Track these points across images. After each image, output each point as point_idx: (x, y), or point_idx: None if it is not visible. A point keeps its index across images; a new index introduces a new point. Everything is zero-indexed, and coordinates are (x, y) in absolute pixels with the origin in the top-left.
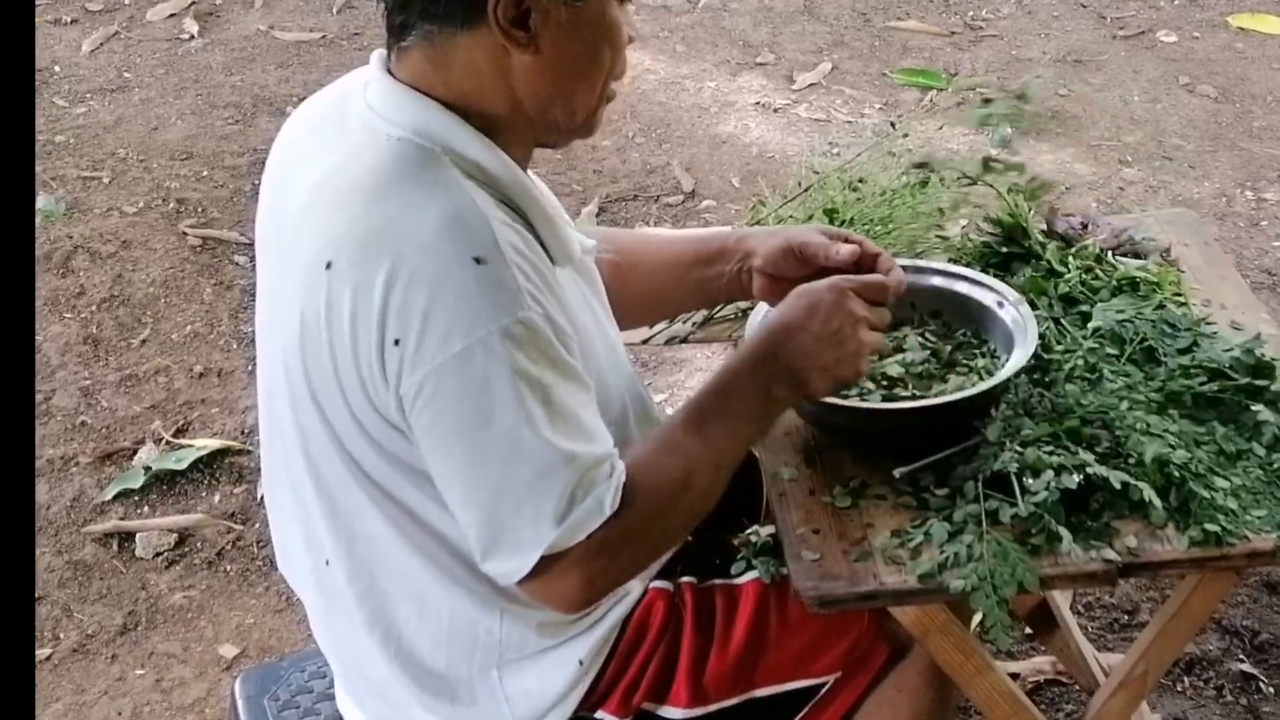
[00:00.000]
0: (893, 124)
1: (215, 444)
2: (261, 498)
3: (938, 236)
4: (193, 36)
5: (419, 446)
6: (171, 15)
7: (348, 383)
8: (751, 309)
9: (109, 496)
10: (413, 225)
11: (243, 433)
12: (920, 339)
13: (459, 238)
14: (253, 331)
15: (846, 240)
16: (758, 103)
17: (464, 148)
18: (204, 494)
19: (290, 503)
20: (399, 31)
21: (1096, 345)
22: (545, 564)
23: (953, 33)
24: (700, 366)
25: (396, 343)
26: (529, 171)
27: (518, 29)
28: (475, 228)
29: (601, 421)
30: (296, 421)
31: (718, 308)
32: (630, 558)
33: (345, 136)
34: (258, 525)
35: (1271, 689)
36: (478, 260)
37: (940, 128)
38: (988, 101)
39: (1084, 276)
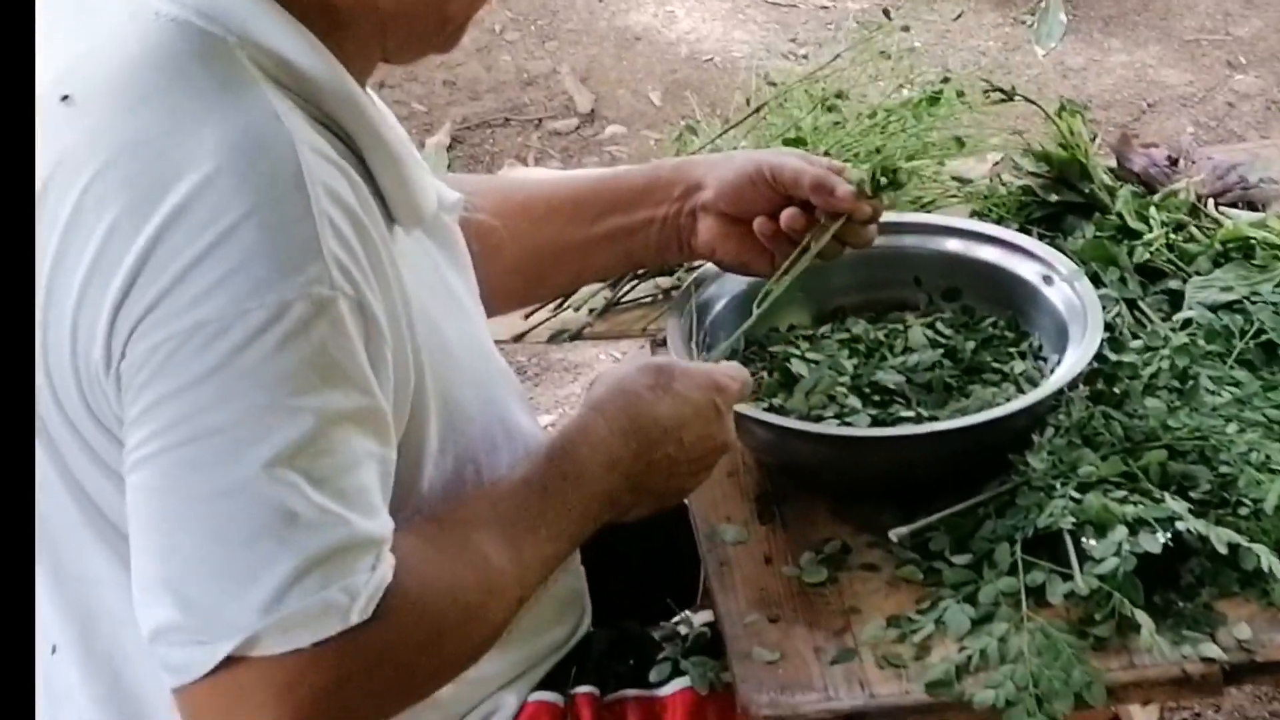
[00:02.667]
0: (886, 12)
1: None
2: None
3: (955, 179)
4: None
5: (124, 450)
6: None
7: (61, 367)
8: (683, 277)
9: None
10: (184, 144)
11: None
12: (929, 331)
13: (248, 166)
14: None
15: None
16: None
17: (271, 38)
18: None
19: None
20: None
21: (1190, 340)
22: (232, 670)
23: None
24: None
25: (138, 303)
26: (369, 90)
27: None
28: (273, 154)
29: (382, 493)
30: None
31: (626, 284)
32: (366, 702)
33: (94, 15)
34: None
35: None
36: (268, 203)
37: (958, 16)
38: None
39: (1172, 237)
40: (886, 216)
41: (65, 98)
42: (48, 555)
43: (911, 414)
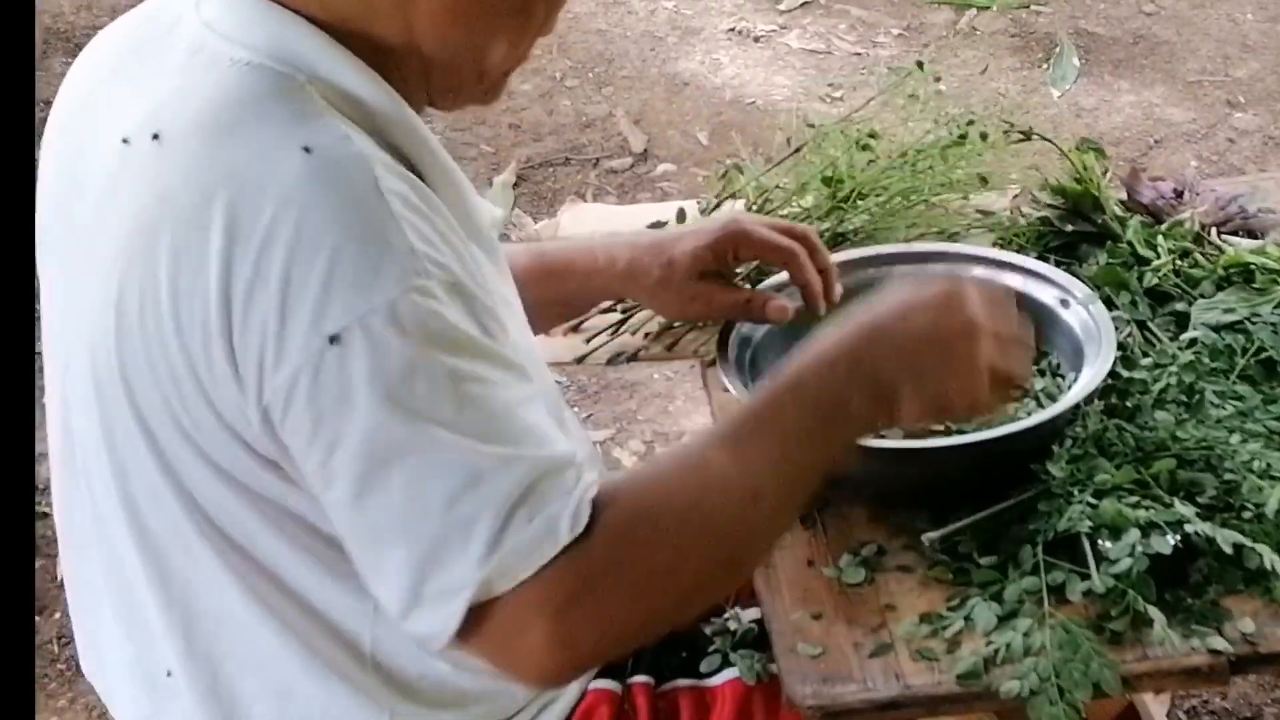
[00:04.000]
0: (920, 64)
1: None
2: (61, 579)
3: (979, 212)
4: None
5: (303, 468)
6: None
7: (181, 393)
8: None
9: None
10: (267, 171)
11: (37, 489)
12: None
13: (330, 185)
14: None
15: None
16: (732, 29)
17: (337, 75)
18: None
19: (101, 579)
20: None
21: (1196, 358)
22: (487, 615)
23: None
24: (659, 391)
25: (251, 331)
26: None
27: None
28: (353, 173)
29: (550, 420)
30: (112, 458)
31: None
32: (625, 605)
33: (170, 68)
34: (57, 615)
35: None
36: (354, 213)
37: (984, 70)
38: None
39: (1179, 264)
40: (915, 247)
41: (156, 136)
42: (152, 560)
43: (942, 428)
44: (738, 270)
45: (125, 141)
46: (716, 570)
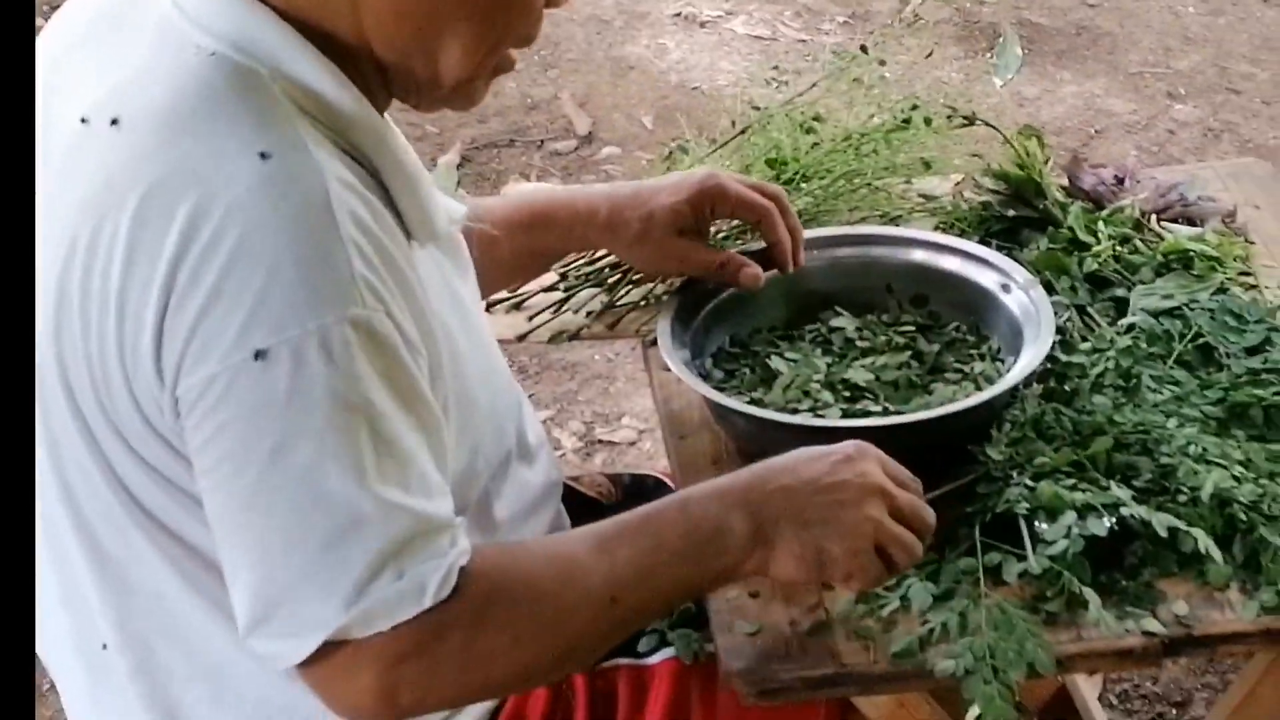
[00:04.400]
0: (864, 48)
1: None
2: None
3: (921, 196)
4: None
5: (193, 466)
6: None
7: (107, 378)
8: (674, 282)
9: None
10: (221, 175)
11: None
12: (896, 334)
13: (281, 199)
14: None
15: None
16: (678, 14)
17: (300, 72)
18: None
19: (45, 551)
20: None
21: (1134, 343)
22: (329, 651)
23: None
24: (599, 372)
25: (180, 327)
26: (387, 117)
27: None
28: (305, 187)
29: (441, 475)
30: (47, 434)
31: (622, 289)
32: (455, 675)
33: (137, 43)
34: None
35: None
36: (301, 230)
37: (929, 54)
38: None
39: (1119, 249)
40: (858, 229)
41: (114, 121)
42: (86, 535)
43: (879, 409)
44: (712, 228)
45: (84, 121)
46: (552, 662)
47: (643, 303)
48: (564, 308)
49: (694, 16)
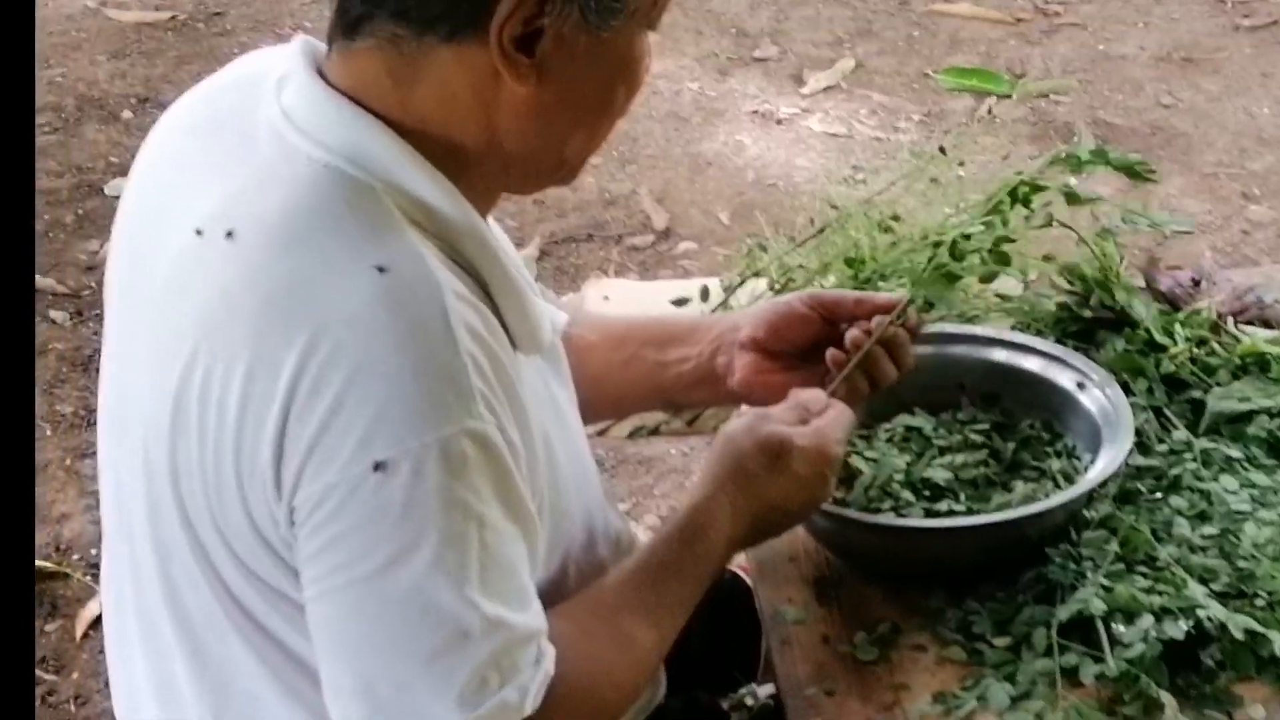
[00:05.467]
0: (942, 148)
1: None
2: (82, 637)
3: (997, 295)
4: None
5: (300, 575)
6: None
7: (220, 488)
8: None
9: None
10: (337, 287)
11: (57, 549)
12: (973, 433)
13: (400, 312)
14: (73, 413)
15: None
16: (755, 111)
17: (411, 184)
18: None
19: (139, 643)
20: (352, 26)
21: (1213, 444)
22: None
23: (1019, 20)
24: (674, 466)
25: (300, 438)
26: (490, 220)
27: (520, 53)
28: (423, 300)
29: (533, 581)
30: (154, 534)
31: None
32: None
33: (248, 153)
34: (76, 675)
35: None
36: (420, 344)
37: (1005, 157)
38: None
39: (1195, 351)
40: (936, 327)
41: (229, 234)
42: (188, 637)
43: (961, 508)
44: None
45: (199, 233)
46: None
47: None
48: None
49: (770, 114)
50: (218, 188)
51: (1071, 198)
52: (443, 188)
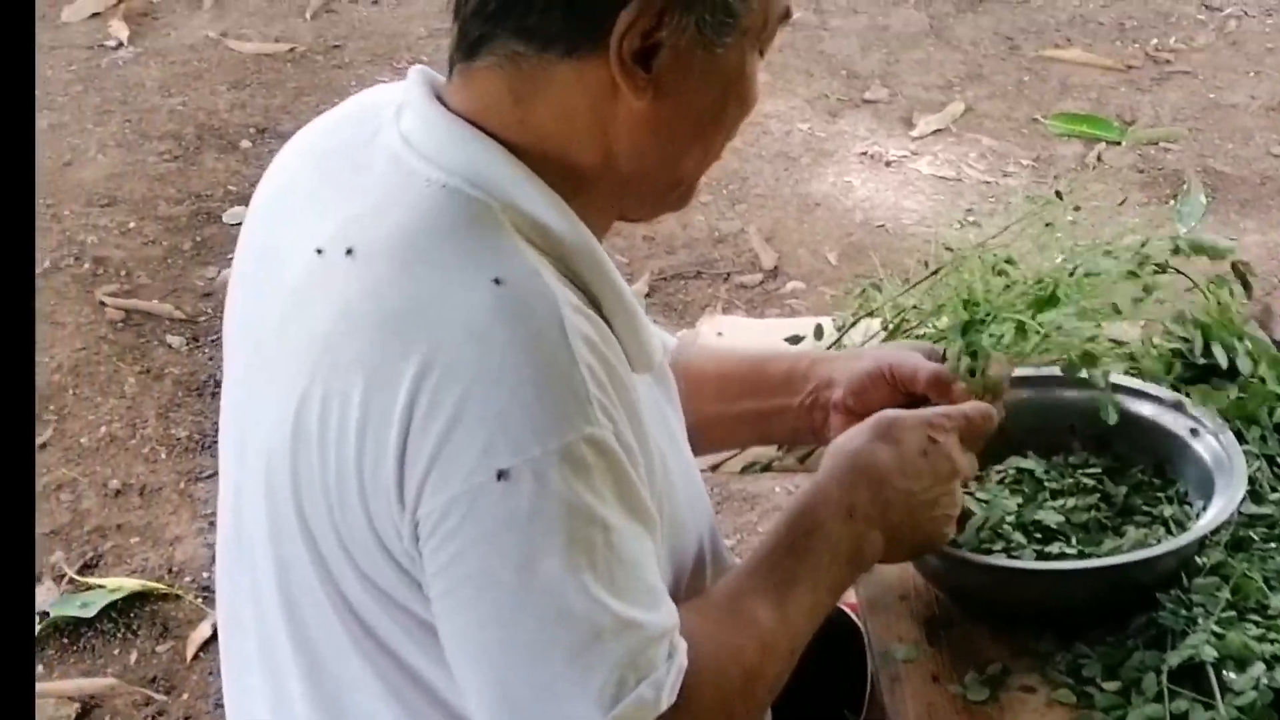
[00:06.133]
0: (1059, 193)
1: (133, 585)
2: (192, 659)
3: (1111, 341)
4: (121, 44)
5: (429, 590)
6: (94, 15)
7: (343, 502)
8: None
9: None
10: (457, 302)
11: (170, 570)
12: (1085, 477)
13: (518, 323)
14: (188, 437)
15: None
16: (865, 153)
17: (528, 204)
18: (117, 651)
19: (257, 663)
20: (473, 46)
21: None
22: None
23: (1129, 66)
24: (778, 504)
25: (422, 451)
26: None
27: (638, 65)
28: (540, 312)
29: (660, 580)
30: (275, 552)
31: None
32: None
33: (368, 179)
34: (186, 696)
35: None
36: (538, 353)
37: (1122, 203)
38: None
39: None
40: (1051, 371)
41: (349, 251)
42: (306, 654)
43: (1072, 551)
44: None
45: (319, 252)
46: (760, 714)
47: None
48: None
49: (880, 155)
50: (339, 212)
51: (1196, 248)
52: (558, 208)
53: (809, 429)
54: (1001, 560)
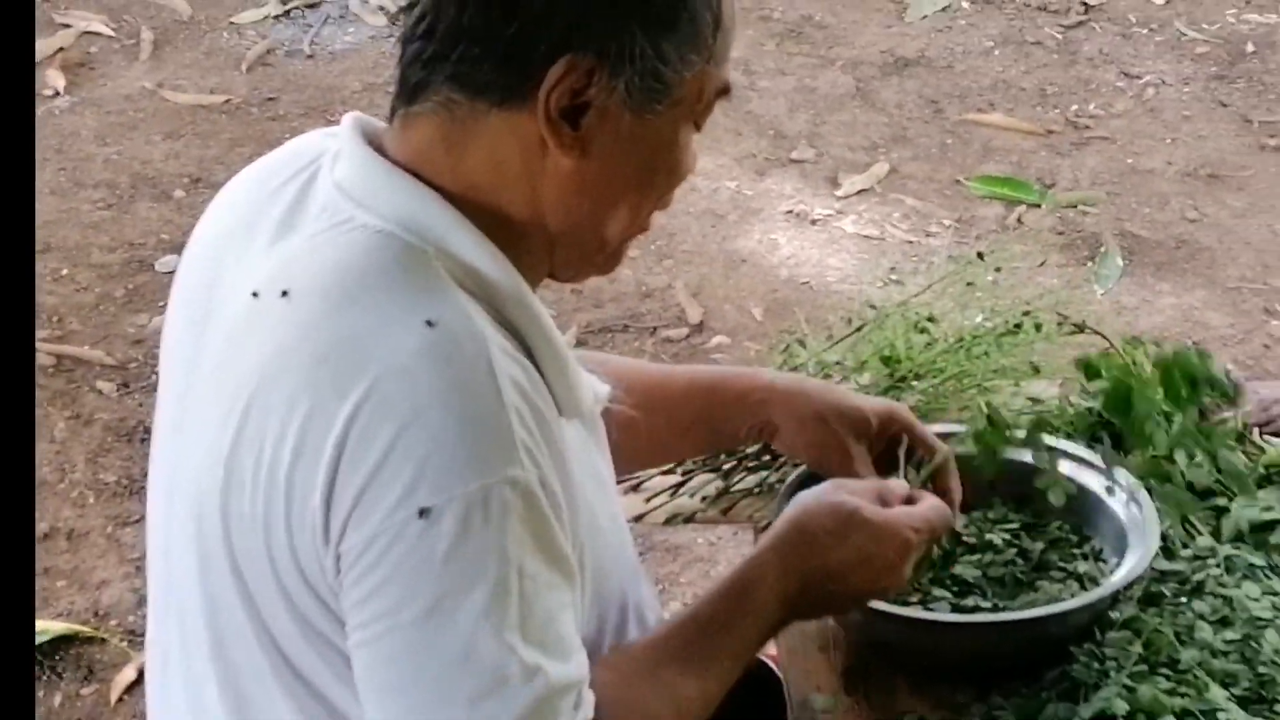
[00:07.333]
0: (980, 254)
1: (59, 628)
2: (117, 701)
3: (1029, 399)
4: (57, 93)
5: (346, 622)
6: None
7: (272, 539)
8: (788, 471)
9: None
10: (390, 343)
11: (96, 614)
12: (1003, 533)
13: (447, 364)
14: (116, 481)
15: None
16: (790, 211)
17: (462, 250)
18: (42, 693)
19: (183, 706)
20: (413, 92)
21: (1236, 552)
22: None
23: (1050, 131)
24: (700, 555)
25: (349, 487)
26: (536, 293)
27: (566, 123)
28: (470, 353)
29: (578, 633)
30: (204, 589)
31: (737, 475)
32: None
33: (304, 223)
34: None
35: None
36: (465, 395)
37: (1041, 264)
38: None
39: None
40: (967, 428)
41: (285, 293)
42: (231, 694)
43: (988, 604)
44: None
45: (255, 295)
46: None
47: (757, 490)
48: (680, 491)
49: (805, 214)
50: (275, 255)
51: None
52: (491, 254)
53: (766, 438)
54: (919, 612)
